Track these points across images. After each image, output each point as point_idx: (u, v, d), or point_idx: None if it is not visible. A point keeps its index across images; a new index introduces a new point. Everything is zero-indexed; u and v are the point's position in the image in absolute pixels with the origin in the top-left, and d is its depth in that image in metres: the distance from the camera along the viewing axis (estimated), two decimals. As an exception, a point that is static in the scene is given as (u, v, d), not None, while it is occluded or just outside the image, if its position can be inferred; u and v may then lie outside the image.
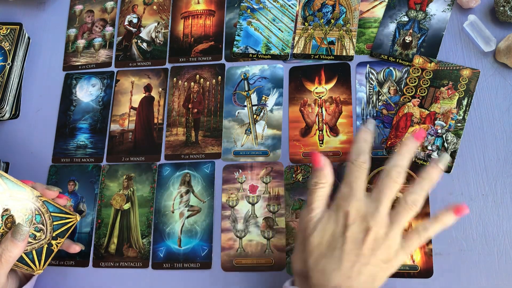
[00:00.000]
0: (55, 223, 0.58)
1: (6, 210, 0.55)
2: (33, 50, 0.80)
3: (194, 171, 0.69)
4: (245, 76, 0.72)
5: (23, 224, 0.55)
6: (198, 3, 0.78)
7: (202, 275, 0.65)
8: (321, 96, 0.69)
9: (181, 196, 0.68)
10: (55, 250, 0.58)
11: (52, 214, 0.58)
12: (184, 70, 0.75)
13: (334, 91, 0.69)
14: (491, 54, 0.66)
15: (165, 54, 0.76)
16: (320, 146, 0.67)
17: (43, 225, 0.57)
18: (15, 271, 0.60)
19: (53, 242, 0.58)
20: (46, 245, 0.58)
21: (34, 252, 0.57)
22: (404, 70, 0.68)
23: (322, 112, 0.68)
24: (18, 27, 0.78)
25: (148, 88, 0.75)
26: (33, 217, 0.56)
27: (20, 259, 0.56)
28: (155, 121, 0.73)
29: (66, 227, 0.59)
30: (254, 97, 0.71)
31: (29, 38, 0.80)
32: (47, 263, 0.58)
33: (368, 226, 0.47)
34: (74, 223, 0.60)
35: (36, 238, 0.57)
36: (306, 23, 0.73)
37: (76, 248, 0.63)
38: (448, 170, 0.62)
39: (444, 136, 0.63)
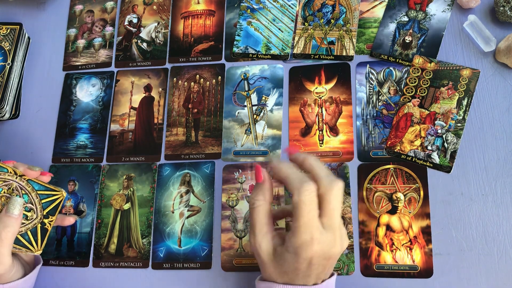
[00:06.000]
0: (43, 201, 0.58)
1: None
2: (33, 50, 0.80)
3: (194, 171, 0.69)
4: (245, 76, 0.72)
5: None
6: (198, 3, 0.78)
7: (202, 275, 0.65)
8: (321, 96, 0.69)
9: (181, 196, 0.68)
10: (49, 228, 0.58)
11: (38, 192, 0.58)
12: (184, 70, 0.75)
13: (334, 91, 0.69)
14: (491, 54, 0.66)
15: (165, 54, 0.76)
16: (320, 146, 0.67)
17: (32, 204, 0.57)
18: (19, 260, 0.60)
19: (46, 220, 0.58)
20: (39, 225, 0.58)
21: (29, 232, 0.57)
22: (404, 70, 0.68)
23: (322, 112, 0.68)
24: (18, 27, 0.78)
25: (148, 88, 0.75)
26: (20, 197, 0.56)
27: (18, 241, 0.56)
28: (155, 121, 0.73)
29: (55, 204, 0.59)
30: (254, 97, 0.71)
31: (29, 38, 0.80)
32: (44, 242, 0.58)
33: (330, 256, 0.48)
34: (62, 199, 0.59)
35: (28, 218, 0.57)
36: (306, 23, 0.73)
37: (70, 219, 0.63)
38: (448, 170, 0.62)
39: (444, 136, 0.63)
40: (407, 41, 0.68)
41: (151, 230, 0.68)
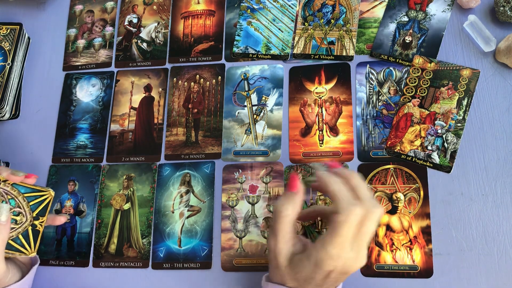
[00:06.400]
0: (31, 203, 0.57)
1: None
2: (33, 50, 0.80)
3: (194, 171, 0.69)
4: (245, 76, 0.72)
5: None
6: (198, 3, 0.78)
7: (202, 275, 0.65)
8: (321, 96, 0.69)
9: (181, 196, 0.68)
10: (41, 229, 0.58)
11: (25, 195, 0.57)
12: (184, 70, 0.75)
13: (334, 91, 0.69)
14: (491, 54, 0.66)
15: (165, 54, 0.76)
16: (320, 146, 0.67)
17: (20, 208, 0.57)
18: (15, 263, 0.60)
19: (36, 222, 0.58)
20: (30, 227, 0.57)
21: (20, 236, 0.57)
22: (404, 70, 0.68)
23: (322, 112, 0.68)
24: (18, 27, 0.78)
25: (148, 88, 0.75)
26: (7, 202, 0.56)
27: (9, 247, 0.56)
28: (155, 121, 0.73)
29: (43, 204, 0.58)
30: (254, 97, 0.71)
31: (29, 38, 0.80)
32: (37, 243, 0.58)
33: (347, 271, 0.48)
34: (50, 198, 0.59)
35: (18, 222, 0.56)
36: (306, 23, 0.73)
37: (61, 219, 0.63)
38: (448, 170, 0.62)
39: (444, 136, 0.63)
40: (407, 41, 0.68)
41: (151, 230, 0.68)
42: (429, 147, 0.63)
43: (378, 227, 0.62)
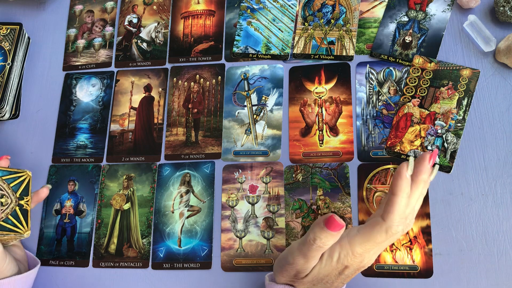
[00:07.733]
0: (11, 184, 0.59)
1: None
2: (33, 50, 0.80)
3: (194, 171, 0.69)
4: (245, 76, 0.72)
5: None
6: (198, 3, 0.78)
7: (202, 275, 0.65)
8: (321, 96, 0.69)
9: (181, 196, 0.68)
10: (29, 208, 0.60)
11: (3, 178, 0.59)
12: (184, 70, 0.75)
13: (334, 91, 0.69)
14: (491, 54, 0.66)
15: (165, 54, 0.76)
16: (320, 146, 0.67)
17: (2, 190, 0.58)
18: (12, 257, 0.60)
19: (22, 202, 0.59)
20: (17, 207, 0.59)
21: (10, 216, 0.58)
22: (404, 70, 0.68)
23: (322, 112, 0.68)
24: (18, 27, 0.78)
25: (148, 88, 0.75)
26: None
27: (3, 228, 0.57)
28: (155, 121, 0.73)
29: (24, 184, 0.60)
30: (254, 97, 0.71)
31: (29, 38, 0.80)
32: (29, 222, 0.59)
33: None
34: (29, 178, 0.61)
35: (4, 203, 0.58)
36: (306, 23, 0.73)
37: (44, 190, 0.65)
38: (448, 170, 0.62)
39: (444, 136, 0.63)
40: (407, 41, 0.68)
41: (151, 230, 0.68)
42: (429, 147, 0.63)
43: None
